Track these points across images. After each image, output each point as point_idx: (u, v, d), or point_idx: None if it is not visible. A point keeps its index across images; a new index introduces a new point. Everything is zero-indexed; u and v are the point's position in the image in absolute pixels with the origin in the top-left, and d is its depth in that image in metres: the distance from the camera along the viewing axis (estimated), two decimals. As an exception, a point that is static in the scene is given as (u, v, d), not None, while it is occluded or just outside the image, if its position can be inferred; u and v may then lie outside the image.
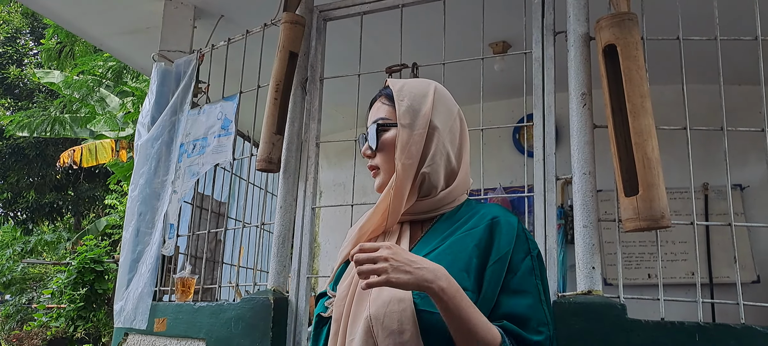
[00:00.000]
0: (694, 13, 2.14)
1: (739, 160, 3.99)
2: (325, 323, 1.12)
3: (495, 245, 1.08)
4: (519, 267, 1.07)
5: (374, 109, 1.24)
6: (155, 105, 3.04)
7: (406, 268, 0.95)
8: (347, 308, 1.05)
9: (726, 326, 1.63)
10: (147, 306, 2.62)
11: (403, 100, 1.17)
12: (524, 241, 1.10)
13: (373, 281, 0.94)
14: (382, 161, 1.19)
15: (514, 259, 1.07)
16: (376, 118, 1.21)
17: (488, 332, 0.97)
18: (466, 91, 3.16)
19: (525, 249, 1.09)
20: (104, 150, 9.72)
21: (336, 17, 2.59)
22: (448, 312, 0.96)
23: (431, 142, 1.16)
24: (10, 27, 15.70)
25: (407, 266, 0.95)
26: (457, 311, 0.96)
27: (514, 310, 1.03)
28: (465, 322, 0.96)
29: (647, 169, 1.65)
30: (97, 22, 3.81)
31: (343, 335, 1.03)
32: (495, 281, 1.05)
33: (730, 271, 3.85)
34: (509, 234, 1.09)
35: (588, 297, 1.74)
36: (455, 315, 0.96)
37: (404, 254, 0.97)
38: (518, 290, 1.05)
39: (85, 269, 7.95)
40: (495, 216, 1.12)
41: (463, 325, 0.96)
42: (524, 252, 1.09)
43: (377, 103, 1.24)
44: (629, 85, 1.72)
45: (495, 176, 4.53)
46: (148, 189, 2.89)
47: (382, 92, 1.24)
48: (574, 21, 1.97)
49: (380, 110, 1.21)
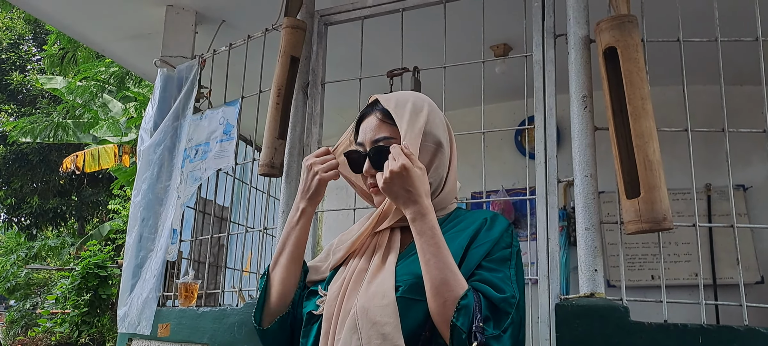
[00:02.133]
0: (695, 13, 2.14)
1: (742, 160, 3.98)
2: (315, 320, 1.16)
3: (482, 233, 1.14)
4: (497, 253, 1.12)
5: (369, 127, 1.21)
6: (158, 110, 3.05)
7: (404, 184, 1.07)
8: (338, 306, 1.09)
9: (729, 327, 1.62)
10: (152, 312, 2.63)
11: (403, 116, 1.18)
12: (509, 236, 1.16)
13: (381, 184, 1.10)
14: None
15: (495, 246, 1.13)
16: (378, 137, 1.19)
17: (457, 279, 1.03)
18: (467, 94, 3.19)
19: (507, 242, 1.15)
20: (107, 155, 9.75)
21: (337, 22, 2.60)
22: (422, 239, 1.05)
23: (434, 155, 1.20)
24: (13, 33, 15.76)
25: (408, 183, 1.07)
26: (432, 240, 1.05)
27: (485, 275, 1.08)
28: (435, 255, 1.03)
29: (648, 172, 1.64)
30: (99, 28, 3.83)
31: (334, 331, 1.08)
32: (474, 259, 1.10)
33: (733, 272, 3.84)
34: (499, 228, 1.16)
35: (591, 300, 1.74)
36: (430, 243, 1.04)
37: (415, 176, 1.08)
38: (492, 268, 1.10)
39: (89, 275, 7.98)
40: (488, 216, 1.19)
41: (433, 258, 1.03)
42: (506, 245, 1.15)
43: (373, 121, 1.21)
44: (630, 87, 1.72)
45: (497, 178, 4.53)
46: (151, 194, 2.90)
47: (375, 109, 1.22)
48: (575, 24, 1.97)
49: (381, 129, 1.19)
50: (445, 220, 1.21)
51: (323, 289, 1.18)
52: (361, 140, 1.22)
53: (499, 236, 1.14)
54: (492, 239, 1.13)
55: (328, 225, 5.46)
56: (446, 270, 1.03)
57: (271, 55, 2.56)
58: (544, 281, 1.88)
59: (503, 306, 1.04)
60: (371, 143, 1.19)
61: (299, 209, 1.25)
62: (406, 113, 1.18)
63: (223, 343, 2.35)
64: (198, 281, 2.68)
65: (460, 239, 1.14)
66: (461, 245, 1.12)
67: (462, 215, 1.23)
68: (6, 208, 14.62)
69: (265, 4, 2.83)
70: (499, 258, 1.11)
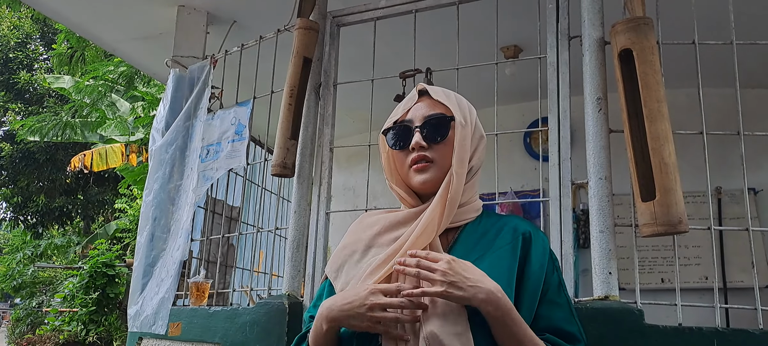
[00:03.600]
0: (709, 16, 2.14)
1: (753, 163, 3.97)
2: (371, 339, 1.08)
3: (529, 260, 1.11)
4: (551, 282, 1.11)
5: (420, 107, 1.21)
6: (170, 111, 3.06)
7: (461, 284, 0.98)
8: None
9: (745, 331, 1.62)
10: (167, 311, 2.64)
11: (452, 101, 1.20)
12: (551, 257, 1.15)
13: (429, 291, 0.99)
14: (439, 156, 1.16)
15: (547, 273, 1.11)
16: (432, 113, 1.18)
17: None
18: (477, 95, 3.16)
19: (554, 265, 1.14)
20: (114, 154, 9.79)
21: (349, 23, 2.60)
22: (497, 328, 1.01)
23: (479, 143, 1.22)
24: (21, 32, 15.83)
25: (462, 282, 0.99)
26: (506, 328, 1.00)
27: (553, 323, 1.07)
28: (513, 338, 1.00)
29: (664, 174, 1.64)
30: (110, 28, 3.84)
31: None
32: (532, 294, 1.08)
33: (743, 275, 3.83)
34: (542, 250, 1.14)
35: (605, 303, 1.74)
36: (505, 332, 1.00)
37: (460, 267, 1.01)
38: (553, 302, 1.09)
39: (96, 273, 8.01)
40: (527, 231, 1.16)
41: (511, 341, 1.01)
42: (553, 268, 1.13)
43: (424, 102, 1.21)
44: (646, 89, 1.71)
45: (506, 180, 4.52)
46: (163, 194, 2.91)
47: (423, 95, 1.23)
48: (589, 26, 1.97)
49: (434, 106, 1.20)
50: (478, 222, 1.20)
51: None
52: (411, 118, 1.20)
53: (547, 261, 1.13)
54: (541, 264, 1.12)
55: (335, 226, 5.45)
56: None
57: (283, 56, 2.57)
58: (558, 284, 1.88)
59: None
60: (423, 119, 1.18)
61: (326, 325, 1.09)
62: (454, 100, 1.21)
63: (234, 342, 2.35)
64: (209, 280, 2.69)
65: (508, 256, 1.11)
66: (512, 265, 1.10)
67: (492, 219, 1.21)
68: (12, 206, 14.69)
69: (277, 5, 2.83)
70: (554, 287, 1.11)
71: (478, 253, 1.12)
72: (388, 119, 1.26)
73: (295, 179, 2.45)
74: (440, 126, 1.16)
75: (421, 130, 1.16)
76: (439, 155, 1.16)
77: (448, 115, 1.18)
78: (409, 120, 1.19)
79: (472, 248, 1.14)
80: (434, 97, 1.21)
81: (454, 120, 1.17)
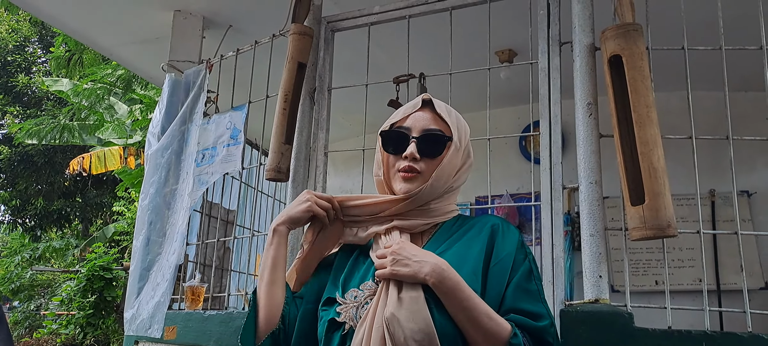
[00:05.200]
0: (699, 21, 2.15)
1: (746, 166, 3.99)
2: (338, 327, 1.14)
3: (496, 247, 1.16)
4: (519, 268, 1.14)
5: (421, 117, 1.24)
6: (165, 115, 3.07)
7: (406, 261, 1.07)
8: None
9: (733, 334, 1.63)
10: (163, 315, 2.65)
11: (453, 120, 1.24)
12: (522, 246, 1.18)
13: (380, 273, 1.09)
14: (428, 170, 1.21)
15: (516, 260, 1.15)
16: (431, 127, 1.23)
17: (497, 324, 1.05)
18: (472, 99, 3.19)
19: (524, 253, 1.17)
20: (113, 157, 9.80)
21: (344, 28, 2.62)
22: (447, 302, 1.05)
23: (464, 163, 1.27)
24: (19, 35, 15.82)
25: (407, 259, 1.07)
26: (456, 301, 1.05)
27: (518, 305, 1.10)
28: (468, 311, 1.04)
29: (653, 179, 1.66)
30: (106, 33, 3.86)
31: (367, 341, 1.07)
32: (499, 279, 1.12)
33: (737, 277, 3.84)
34: (511, 239, 1.18)
35: (595, 306, 1.75)
36: (456, 305, 1.05)
37: (408, 248, 1.09)
38: (520, 287, 1.12)
39: (94, 277, 8.02)
40: (495, 223, 1.21)
41: (466, 315, 1.05)
42: (523, 256, 1.17)
43: (426, 114, 1.25)
44: (635, 95, 1.73)
45: (501, 183, 4.54)
46: (159, 198, 2.92)
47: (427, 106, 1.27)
48: (580, 32, 1.98)
49: (435, 122, 1.24)
50: (453, 223, 1.25)
51: (340, 296, 1.17)
52: (409, 126, 1.23)
53: (515, 249, 1.16)
54: (509, 252, 1.16)
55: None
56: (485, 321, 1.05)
57: (278, 61, 2.58)
58: (549, 287, 1.90)
59: (545, 337, 1.09)
60: (422, 131, 1.22)
61: (272, 229, 1.24)
62: (455, 120, 1.25)
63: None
64: (204, 285, 2.70)
65: (476, 245, 1.16)
66: (480, 252, 1.15)
67: (468, 220, 1.26)
68: (11, 209, 14.67)
69: (272, 10, 2.85)
70: (523, 274, 1.14)
71: (447, 246, 1.18)
72: (388, 120, 1.30)
73: (289, 183, 2.46)
74: (437, 143, 1.21)
75: (417, 142, 1.21)
76: (428, 169, 1.21)
77: (446, 134, 1.23)
78: (407, 127, 1.23)
79: (443, 242, 1.19)
80: (437, 111, 1.25)
81: (450, 140, 1.22)
